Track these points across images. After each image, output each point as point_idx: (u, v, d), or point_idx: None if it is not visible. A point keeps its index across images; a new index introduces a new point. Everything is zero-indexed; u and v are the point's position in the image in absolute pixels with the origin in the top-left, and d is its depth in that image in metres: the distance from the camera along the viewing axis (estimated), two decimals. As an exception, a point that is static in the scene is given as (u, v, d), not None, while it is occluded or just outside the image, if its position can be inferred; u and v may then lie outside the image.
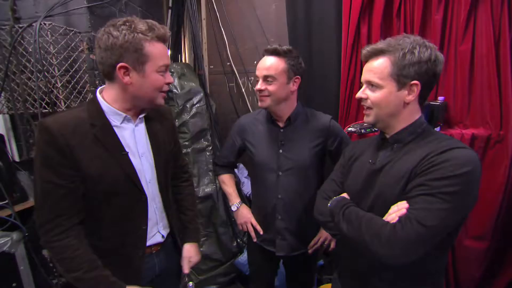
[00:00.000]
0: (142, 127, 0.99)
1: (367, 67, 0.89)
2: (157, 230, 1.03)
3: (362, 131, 1.72)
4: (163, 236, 1.05)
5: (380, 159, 0.91)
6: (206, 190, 2.15)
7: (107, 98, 0.90)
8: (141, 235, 0.97)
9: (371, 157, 0.94)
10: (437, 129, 1.71)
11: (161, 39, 0.87)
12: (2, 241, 1.11)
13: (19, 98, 1.26)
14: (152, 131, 1.01)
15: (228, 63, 2.41)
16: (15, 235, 1.14)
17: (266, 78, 1.19)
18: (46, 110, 1.26)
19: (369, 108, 0.89)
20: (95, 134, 0.85)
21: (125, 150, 0.90)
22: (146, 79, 0.86)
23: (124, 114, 0.91)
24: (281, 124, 1.28)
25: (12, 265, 1.14)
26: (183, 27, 2.40)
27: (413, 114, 0.87)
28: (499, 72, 1.57)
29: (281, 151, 1.25)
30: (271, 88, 1.19)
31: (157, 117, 1.05)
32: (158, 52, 0.86)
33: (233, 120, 1.72)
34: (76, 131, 0.82)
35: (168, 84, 0.92)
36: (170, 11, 2.30)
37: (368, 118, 0.91)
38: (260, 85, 1.20)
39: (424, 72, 0.81)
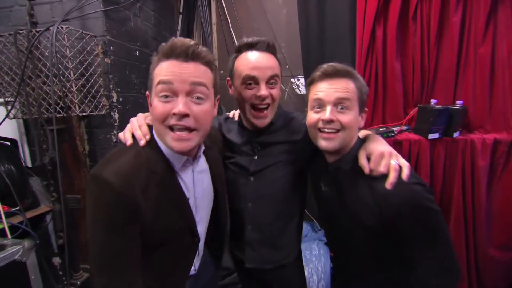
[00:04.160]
0: (201, 163, 0.87)
1: (335, 84, 0.83)
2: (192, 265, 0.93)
3: (384, 135, 1.67)
4: (195, 269, 0.94)
5: (328, 187, 0.94)
6: (217, 196, 2.11)
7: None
8: (184, 276, 0.88)
9: (323, 182, 0.96)
10: (457, 134, 1.65)
11: (168, 55, 0.70)
12: (14, 249, 1.07)
13: (34, 102, 1.24)
14: (212, 165, 0.91)
15: (239, 68, 2.40)
16: (26, 243, 1.10)
17: (269, 80, 0.94)
18: (61, 115, 1.24)
19: (335, 131, 0.83)
20: (158, 184, 0.72)
21: (186, 197, 0.79)
22: (152, 109, 0.73)
23: (185, 157, 0.78)
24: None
25: (23, 274, 1.10)
26: (193, 32, 2.40)
27: (355, 138, 0.88)
28: (521, 74, 1.53)
29: (256, 157, 1.05)
30: (275, 92, 0.96)
31: (212, 144, 0.94)
32: (159, 70, 0.70)
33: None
34: (138, 182, 0.68)
35: (175, 114, 0.68)
36: (181, 16, 2.30)
37: (333, 143, 0.83)
38: (265, 90, 0.92)
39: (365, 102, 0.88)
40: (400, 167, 0.77)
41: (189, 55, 0.70)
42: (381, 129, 1.75)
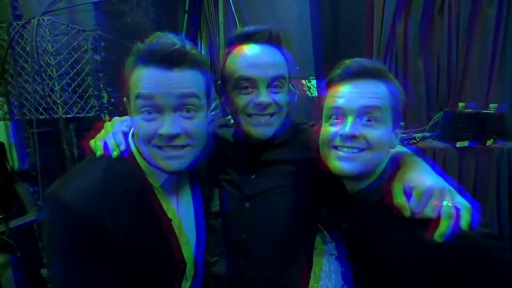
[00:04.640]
0: (188, 178, 0.75)
1: (360, 87, 0.62)
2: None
3: (405, 142, 1.49)
4: None
5: (349, 224, 0.72)
6: (219, 205, 1.97)
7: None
8: None
9: (342, 217, 0.75)
10: (491, 142, 1.45)
11: (147, 61, 0.56)
12: (-14, 266, 0.96)
13: (15, 102, 1.15)
14: (201, 177, 0.78)
15: (246, 69, 2.28)
16: (1, 259, 0.99)
17: (272, 82, 0.72)
18: (43, 117, 1.14)
19: (357, 150, 0.61)
20: (132, 203, 0.61)
21: (168, 218, 0.68)
22: (133, 121, 0.62)
23: (166, 174, 0.65)
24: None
25: (-4, 293, 1.00)
26: (199, 31, 2.30)
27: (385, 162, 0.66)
28: None
29: (253, 176, 0.84)
30: (281, 98, 0.74)
31: None
32: (136, 79, 0.57)
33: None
34: (107, 202, 0.57)
35: (160, 135, 0.57)
36: (186, 14, 2.21)
37: (353, 165, 0.61)
38: (266, 96, 0.71)
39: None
40: (458, 211, 0.52)
41: (174, 61, 0.57)
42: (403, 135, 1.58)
